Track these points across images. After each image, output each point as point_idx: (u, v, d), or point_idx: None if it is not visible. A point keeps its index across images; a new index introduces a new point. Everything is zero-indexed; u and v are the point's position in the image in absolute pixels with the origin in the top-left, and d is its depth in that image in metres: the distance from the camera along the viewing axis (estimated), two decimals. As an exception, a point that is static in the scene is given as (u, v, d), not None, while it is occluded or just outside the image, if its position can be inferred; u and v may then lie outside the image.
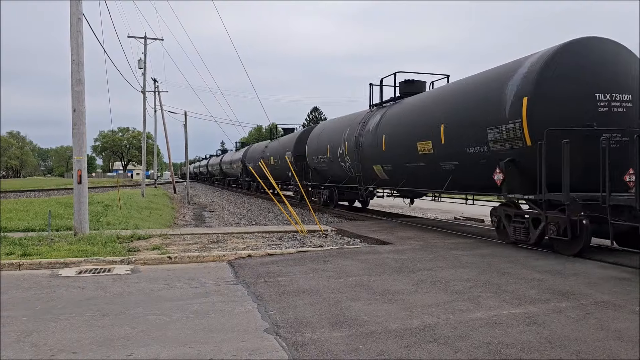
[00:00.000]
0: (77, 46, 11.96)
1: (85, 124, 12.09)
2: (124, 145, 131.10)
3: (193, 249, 10.28)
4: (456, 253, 9.66)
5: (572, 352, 4.47)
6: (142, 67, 36.49)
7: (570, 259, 8.89)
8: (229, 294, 6.73)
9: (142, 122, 36.05)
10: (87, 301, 6.38)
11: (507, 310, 5.73)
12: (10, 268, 8.48)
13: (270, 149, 31.75)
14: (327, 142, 20.49)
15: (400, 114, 15.16)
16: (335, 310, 5.85)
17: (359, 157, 17.38)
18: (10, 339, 4.93)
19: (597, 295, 6.36)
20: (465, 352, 4.49)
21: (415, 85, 16.42)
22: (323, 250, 10.16)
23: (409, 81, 16.54)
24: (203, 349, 4.63)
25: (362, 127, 17.29)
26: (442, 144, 12.38)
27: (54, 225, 12.84)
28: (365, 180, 17.67)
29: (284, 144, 28.09)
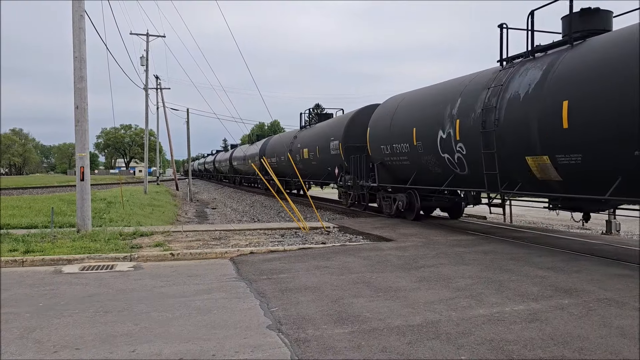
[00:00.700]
0: (79, 43, 11.96)
1: (87, 121, 12.10)
2: (127, 142, 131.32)
3: (195, 245, 10.30)
4: (458, 250, 9.66)
5: (575, 349, 4.46)
6: (144, 64, 36.52)
7: (573, 256, 8.88)
8: (231, 290, 6.74)
9: (145, 119, 36.08)
10: (90, 298, 6.40)
11: (509, 307, 5.73)
12: (13, 265, 8.50)
13: (303, 139, 25.49)
14: (411, 123, 14.04)
15: (603, 64, 8.64)
16: (337, 306, 5.86)
17: (494, 141, 10.58)
18: (13, 335, 4.95)
19: (600, 292, 6.35)
20: (468, 348, 4.49)
21: (600, 18, 9.90)
22: (325, 247, 10.17)
23: (589, 11, 9.86)
24: (206, 346, 4.64)
25: (496, 93, 10.74)
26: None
27: (56, 222, 12.87)
28: (503, 178, 10.83)
29: (326, 132, 21.72)
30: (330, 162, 20.80)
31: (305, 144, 24.71)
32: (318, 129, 23.89)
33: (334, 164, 20.30)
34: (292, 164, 24.62)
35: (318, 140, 22.58)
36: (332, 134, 20.80)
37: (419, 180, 14.34)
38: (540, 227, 13.80)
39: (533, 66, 10.17)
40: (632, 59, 8.03)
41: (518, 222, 16.34)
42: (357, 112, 19.67)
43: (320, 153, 22.15)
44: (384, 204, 16.54)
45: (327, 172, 21.73)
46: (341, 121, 20.51)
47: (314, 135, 23.74)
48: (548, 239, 11.21)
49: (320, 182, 24.71)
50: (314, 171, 23.76)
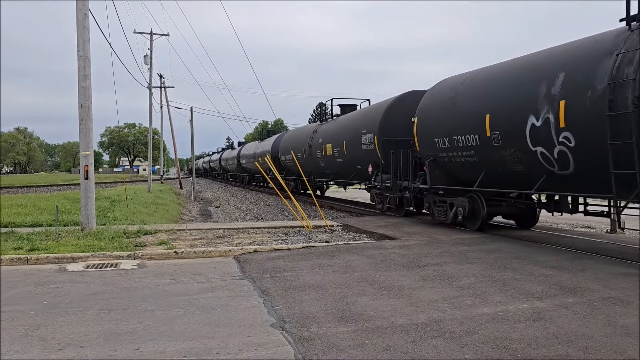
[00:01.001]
0: (83, 42, 11.98)
1: (91, 119, 12.13)
2: (131, 140, 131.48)
3: (199, 244, 10.31)
4: (462, 248, 9.64)
5: (579, 347, 4.45)
6: (148, 62, 36.55)
7: (577, 254, 8.85)
8: (235, 289, 6.75)
9: (149, 118, 36.15)
10: (94, 296, 6.41)
11: (513, 306, 5.71)
12: (18, 263, 8.54)
13: (325, 133, 22.51)
14: (482, 109, 10.93)
15: None
16: (341, 305, 5.86)
17: (632, 127, 7.79)
18: (18, 333, 4.97)
19: (605, 291, 6.32)
20: (472, 347, 4.48)
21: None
22: (329, 246, 10.16)
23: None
24: (209, 344, 4.65)
25: (631, 61, 7.85)
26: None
27: (61, 221, 12.91)
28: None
29: (356, 124, 18.77)
30: (360, 159, 18.06)
31: (329, 138, 21.64)
32: (344, 121, 20.74)
33: (365, 161, 17.52)
34: (311, 162, 23.38)
35: (345, 134, 19.57)
36: (363, 126, 17.65)
37: (489, 181, 11.40)
38: (545, 225, 13.76)
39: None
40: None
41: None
42: (396, 100, 16.49)
43: (348, 148, 19.17)
44: (436, 210, 13.40)
45: (355, 170, 19.00)
46: (376, 111, 17.23)
47: (340, 129, 20.57)
48: (552, 238, 11.18)
49: (346, 182, 21.76)
50: (338, 169, 20.96)
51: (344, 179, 21.21)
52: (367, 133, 17.13)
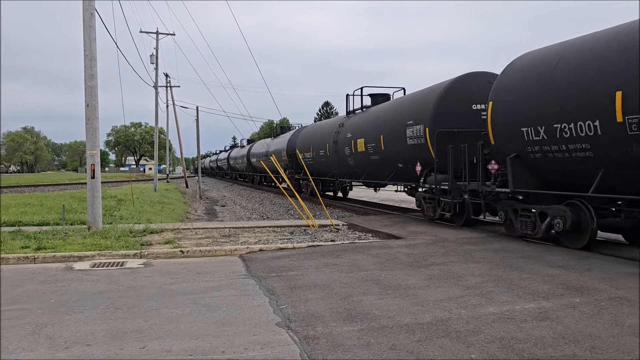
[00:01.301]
0: (89, 41, 12.03)
1: (98, 118, 12.18)
2: (137, 140, 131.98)
3: (205, 243, 10.34)
4: (468, 248, 9.61)
5: (586, 347, 4.42)
6: (154, 62, 36.64)
7: (584, 254, 8.80)
8: (240, 287, 6.76)
9: (155, 117, 36.25)
10: (100, 294, 6.44)
11: (520, 305, 5.69)
12: (25, 261, 8.59)
13: (355, 126, 19.35)
14: (607, 85, 8.14)
15: None
16: (346, 304, 5.85)
17: None
18: (25, 331, 5.00)
19: (612, 291, 6.28)
20: (478, 346, 4.47)
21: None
22: (334, 245, 10.16)
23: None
24: (215, 343, 4.66)
25: None
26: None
27: (68, 220, 12.97)
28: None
29: (398, 113, 15.61)
30: (404, 156, 15.03)
31: (360, 132, 18.48)
32: (380, 112, 17.62)
33: (411, 159, 14.48)
34: (337, 160, 20.78)
35: (384, 126, 16.34)
36: (409, 116, 14.55)
37: (610, 184, 8.55)
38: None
39: None
40: None
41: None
42: (453, 83, 13.39)
43: (387, 143, 16.02)
44: (517, 220, 10.47)
45: (396, 169, 15.94)
46: (427, 97, 14.09)
47: (375, 121, 17.52)
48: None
49: (381, 183, 18.54)
50: (373, 168, 18.00)
51: (380, 179, 18.02)
52: (415, 124, 14.00)
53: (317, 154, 23.73)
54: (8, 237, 10.33)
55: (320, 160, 23.41)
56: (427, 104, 13.74)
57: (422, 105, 14.13)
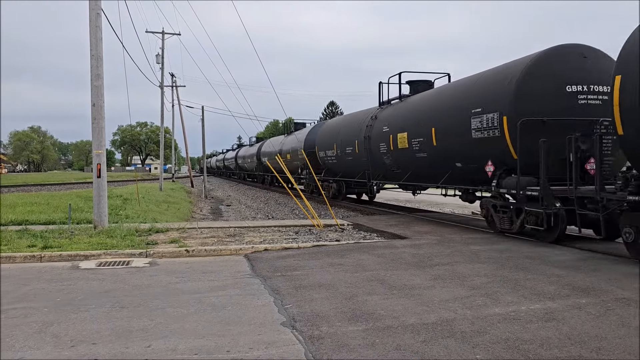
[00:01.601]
0: (96, 41, 12.07)
1: (104, 118, 12.23)
2: (143, 139, 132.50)
3: (210, 242, 10.36)
4: (474, 248, 9.58)
5: (593, 348, 4.40)
6: (159, 62, 36.76)
7: (590, 254, 8.76)
8: (245, 287, 6.77)
9: (160, 117, 36.37)
10: (106, 293, 6.47)
11: (525, 306, 5.67)
12: (31, 260, 8.64)
13: (392, 119, 16.37)
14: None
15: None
16: (351, 304, 5.85)
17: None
18: (32, 330, 5.02)
19: (618, 292, 6.25)
20: (483, 347, 4.45)
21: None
22: (339, 245, 10.16)
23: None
24: (220, 342, 4.67)
25: None
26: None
27: (74, 219, 13.03)
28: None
29: (457, 101, 12.74)
30: (465, 153, 12.28)
31: (401, 125, 15.41)
32: (430, 100, 14.44)
33: (478, 156, 11.70)
34: (369, 158, 17.67)
35: (436, 117, 13.43)
36: (475, 102, 11.67)
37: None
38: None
39: None
40: None
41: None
42: (541, 56, 10.44)
43: (441, 138, 13.06)
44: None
45: (452, 169, 13.12)
46: (503, 76, 11.07)
47: (424, 110, 14.35)
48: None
49: (431, 185, 15.18)
50: (418, 168, 14.87)
51: (428, 181, 14.99)
52: (485, 113, 11.22)
53: (343, 152, 20.37)
54: (15, 236, 10.39)
55: (346, 159, 20.16)
56: (503, 86, 10.82)
57: (495, 87, 11.20)
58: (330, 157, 22.24)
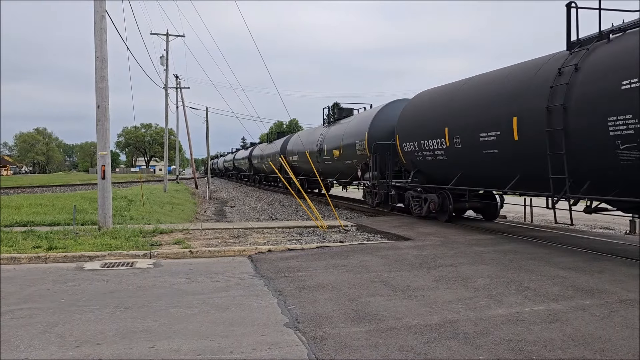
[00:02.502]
0: (100, 43, 12.14)
1: (108, 120, 12.28)
2: (147, 141, 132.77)
3: (214, 243, 10.38)
4: (477, 249, 9.57)
5: (596, 350, 4.39)
6: (164, 63, 36.88)
7: (595, 255, 8.73)
8: (249, 288, 6.78)
9: (165, 118, 36.46)
10: (110, 294, 6.49)
11: (529, 307, 5.66)
12: (37, 261, 8.68)
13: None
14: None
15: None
16: (354, 305, 5.85)
17: None
18: (37, 330, 5.05)
19: (623, 293, 6.23)
20: (486, 348, 4.45)
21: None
22: (343, 246, 10.16)
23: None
24: (223, 342, 4.68)
25: None
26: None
27: (79, 220, 13.09)
28: None
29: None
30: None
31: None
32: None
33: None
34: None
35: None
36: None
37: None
38: (561, 226, 13.58)
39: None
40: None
41: (538, 222, 16.09)
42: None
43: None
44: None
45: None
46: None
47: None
48: (569, 239, 11.03)
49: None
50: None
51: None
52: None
53: (452, 145, 12.96)
54: (20, 237, 10.45)
55: (472, 152, 12.29)
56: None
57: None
58: (428, 153, 14.38)
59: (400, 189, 16.48)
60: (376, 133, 17.76)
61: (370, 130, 18.01)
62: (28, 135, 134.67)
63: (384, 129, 17.65)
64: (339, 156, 21.35)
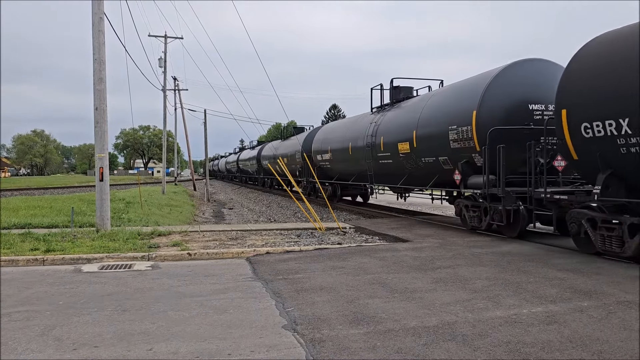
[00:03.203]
0: (98, 45, 12.13)
1: (107, 122, 12.27)
2: (145, 143, 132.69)
3: (212, 245, 10.37)
4: (475, 251, 9.58)
5: (594, 351, 4.40)
6: (162, 65, 36.86)
7: (592, 257, 8.74)
8: (247, 290, 6.77)
9: (163, 120, 36.44)
10: (108, 296, 6.48)
11: (527, 309, 5.67)
12: (34, 263, 8.66)
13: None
14: None
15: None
16: (353, 307, 5.85)
17: None
18: (34, 333, 5.04)
19: (620, 295, 6.24)
20: (484, 350, 4.45)
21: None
22: (341, 248, 10.16)
23: None
24: (222, 345, 4.67)
25: None
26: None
27: (76, 222, 13.07)
28: None
29: None
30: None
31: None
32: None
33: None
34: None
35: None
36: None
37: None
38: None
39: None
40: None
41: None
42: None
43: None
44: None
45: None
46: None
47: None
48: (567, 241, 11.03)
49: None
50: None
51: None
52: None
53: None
54: (18, 239, 10.43)
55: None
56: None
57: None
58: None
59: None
60: (492, 112, 11.56)
61: (480, 109, 11.68)
62: (26, 137, 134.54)
63: (505, 105, 11.52)
64: (409, 151, 14.89)
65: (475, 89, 12.19)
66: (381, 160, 17.09)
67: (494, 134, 11.09)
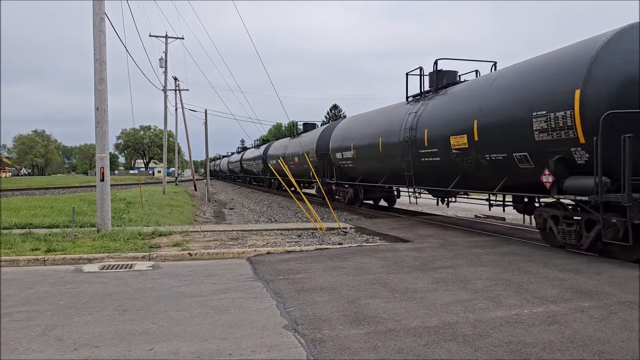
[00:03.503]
0: (99, 45, 12.14)
1: (107, 122, 12.27)
2: (146, 143, 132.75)
3: (213, 245, 10.37)
4: (476, 251, 9.57)
5: (595, 352, 4.39)
6: (163, 65, 36.89)
7: (593, 258, 8.74)
8: (248, 290, 6.77)
9: (164, 121, 36.46)
10: (109, 296, 6.48)
11: (528, 309, 5.66)
12: (35, 263, 8.67)
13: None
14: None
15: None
16: (353, 307, 5.85)
17: None
18: (35, 333, 5.04)
19: (621, 295, 6.23)
20: (485, 350, 4.45)
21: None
22: (342, 248, 10.16)
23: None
24: (222, 345, 4.67)
25: None
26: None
27: (77, 222, 13.08)
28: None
29: None
30: None
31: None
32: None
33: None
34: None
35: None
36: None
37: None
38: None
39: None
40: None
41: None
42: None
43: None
44: None
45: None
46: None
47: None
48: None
49: None
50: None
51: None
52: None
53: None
54: (19, 240, 10.43)
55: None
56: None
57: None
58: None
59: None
60: (605, 90, 8.43)
61: (587, 86, 8.62)
62: (27, 137, 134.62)
63: (623, 81, 8.35)
64: (466, 146, 12.12)
65: (574, 61, 9.05)
66: (424, 158, 14.13)
67: (610, 120, 8.06)
